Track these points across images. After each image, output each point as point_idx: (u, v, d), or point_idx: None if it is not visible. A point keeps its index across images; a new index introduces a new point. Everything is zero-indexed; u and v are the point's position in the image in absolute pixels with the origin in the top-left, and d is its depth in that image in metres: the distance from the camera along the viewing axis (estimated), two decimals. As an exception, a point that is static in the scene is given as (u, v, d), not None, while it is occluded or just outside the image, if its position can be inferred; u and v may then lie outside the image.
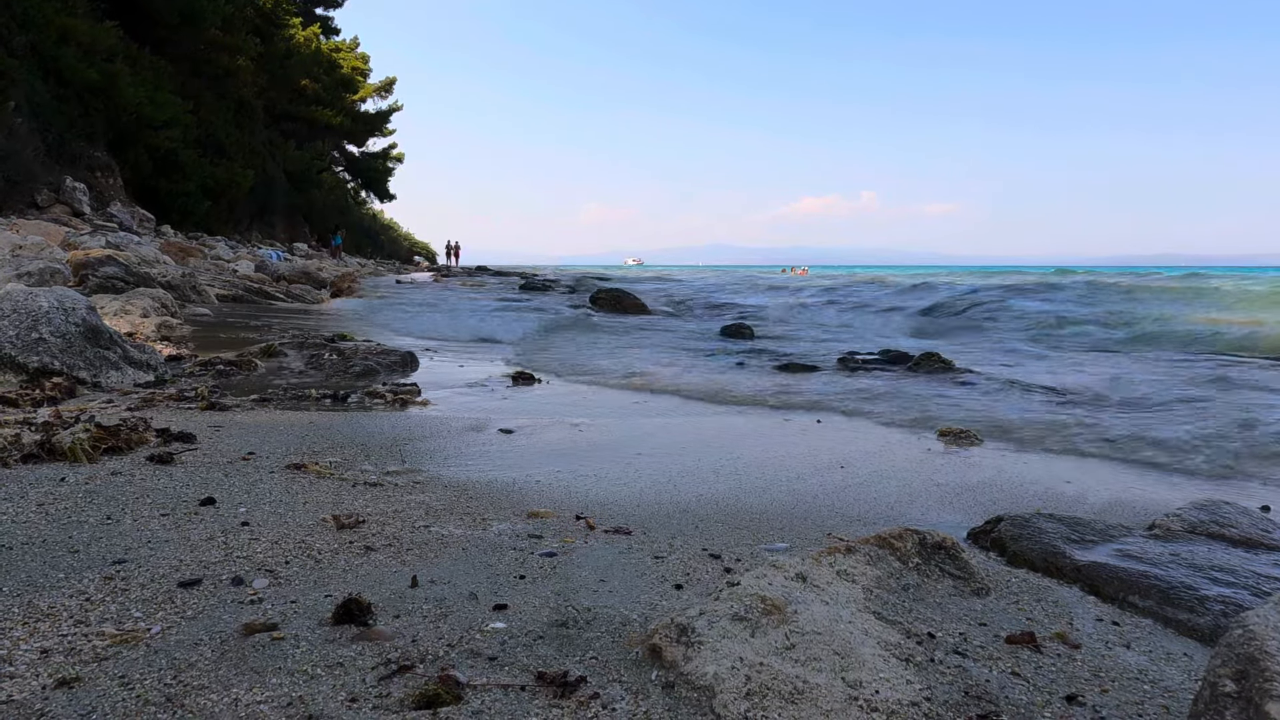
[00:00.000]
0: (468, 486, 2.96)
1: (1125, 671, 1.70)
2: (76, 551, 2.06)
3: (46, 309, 4.50)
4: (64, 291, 4.78)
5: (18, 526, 2.22)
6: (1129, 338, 10.94)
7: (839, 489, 3.21)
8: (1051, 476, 3.55)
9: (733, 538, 2.52)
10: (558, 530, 2.48)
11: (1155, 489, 3.41)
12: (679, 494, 3.03)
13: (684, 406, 5.12)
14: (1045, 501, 3.11)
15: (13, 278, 7.69)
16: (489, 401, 5.00)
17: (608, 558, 2.24)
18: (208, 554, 2.09)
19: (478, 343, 8.69)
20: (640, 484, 3.15)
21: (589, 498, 2.91)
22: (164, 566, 1.99)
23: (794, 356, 7.97)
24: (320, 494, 2.72)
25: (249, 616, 1.72)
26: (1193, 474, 3.70)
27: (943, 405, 5.33)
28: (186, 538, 2.21)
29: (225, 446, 3.29)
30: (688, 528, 2.61)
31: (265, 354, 6.03)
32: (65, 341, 4.45)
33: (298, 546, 2.18)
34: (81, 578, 1.90)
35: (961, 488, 3.30)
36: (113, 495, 2.55)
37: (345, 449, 3.41)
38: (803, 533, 2.62)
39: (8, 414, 3.52)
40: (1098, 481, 3.49)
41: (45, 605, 1.74)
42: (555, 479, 3.15)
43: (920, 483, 3.36)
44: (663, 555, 2.29)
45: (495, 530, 2.44)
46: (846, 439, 4.25)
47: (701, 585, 2.06)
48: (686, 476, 3.29)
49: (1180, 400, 5.61)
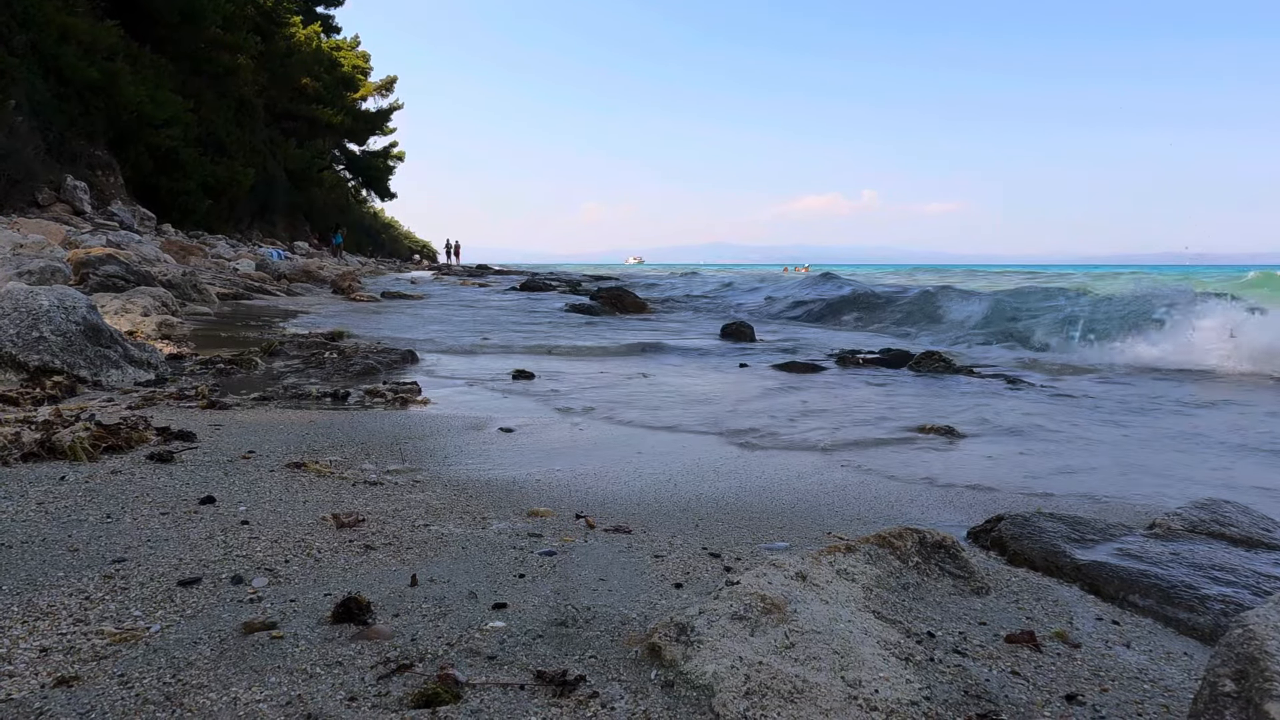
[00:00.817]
0: (468, 485, 2.96)
1: (1125, 671, 1.70)
2: (76, 550, 2.06)
3: (47, 307, 4.50)
4: (64, 290, 4.78)
5: (17, 525, 2.22)
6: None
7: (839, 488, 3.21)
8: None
9: (733, 536, 2.52)
10: (557, 529, 2.48)
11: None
12: (679, 492, 3.03)
13: (689, 409, 5.12)
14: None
15: (14, 276, 7.69)
16: (490, 400, 5.00)
17: (607, 556, 2.24)
18: (207, 552, 2.09)
19: (479, 340, 8.69)
20: (640, 483, 3.15)
21: (589, 496, 2.91)
22: (163, 565, 1.99)
23: (795, 355, 7.98)
24: (320, 492, 2.72)
25: (248, 615, 1.72)
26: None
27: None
28: (186, 536, 2.21)
29: (225, 445, 3.29)
30: (688, 526, 2.61)
31: (266, 352, 6.03)
32: (66, 340, 4.45)
33: (297, 545, 2.18)
34: (81, 576, 1.90)
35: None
36: (112, 494, 2.55)
37: (345, 448, 3.41)
38: (803, 531, 2.62)
39: (8, 412, 3.52)
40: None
41: (45, 604, 1.74)
42: (555, 478, 3.15)
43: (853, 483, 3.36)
44: (663, 554, 2.29)
45: (495, 529, 2.44)
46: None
47: (701, 584, 2.06)
48: (687, 474, 3.30)
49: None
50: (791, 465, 3.56)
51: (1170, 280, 16.32)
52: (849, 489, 3.20)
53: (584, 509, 2.73)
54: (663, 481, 3.18)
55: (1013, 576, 2.23)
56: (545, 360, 7.24)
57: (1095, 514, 2.82)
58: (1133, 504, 3.11)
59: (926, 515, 2.89)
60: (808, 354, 8.25)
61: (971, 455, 3.90)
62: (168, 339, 6.45)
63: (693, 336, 10.29)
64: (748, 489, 3.12)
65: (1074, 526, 2.50)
